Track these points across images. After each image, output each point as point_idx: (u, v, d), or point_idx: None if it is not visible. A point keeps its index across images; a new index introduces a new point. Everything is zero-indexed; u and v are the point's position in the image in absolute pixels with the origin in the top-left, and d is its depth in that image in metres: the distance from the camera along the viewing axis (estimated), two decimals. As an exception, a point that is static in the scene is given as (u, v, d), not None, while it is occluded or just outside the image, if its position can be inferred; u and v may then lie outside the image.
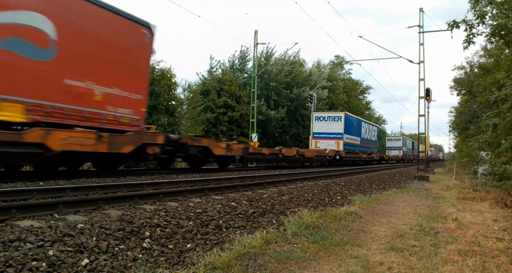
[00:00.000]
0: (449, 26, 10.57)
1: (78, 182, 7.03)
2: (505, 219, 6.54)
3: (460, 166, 28.80)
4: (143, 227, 3.84)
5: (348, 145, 25.61)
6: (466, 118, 29.88)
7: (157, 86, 15.28)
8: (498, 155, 9.81)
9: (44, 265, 2.77)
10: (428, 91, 19.77)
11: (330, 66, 42.38)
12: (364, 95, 56.43)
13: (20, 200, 4.95)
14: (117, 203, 5.17)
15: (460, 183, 14.90)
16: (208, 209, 4.97)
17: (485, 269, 3.74)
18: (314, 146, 25.23)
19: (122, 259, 3.18)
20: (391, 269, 3.68)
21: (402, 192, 11.15)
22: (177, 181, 7.79)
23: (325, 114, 26.17)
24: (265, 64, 30.07)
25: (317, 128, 25.82)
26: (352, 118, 27.82)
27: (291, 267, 3.61)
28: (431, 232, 5.44)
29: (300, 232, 4.75)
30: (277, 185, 9.02)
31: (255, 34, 25.35)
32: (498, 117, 9.46)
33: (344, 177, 13.48)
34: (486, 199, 9.21)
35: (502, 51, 15.98)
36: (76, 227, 3.48)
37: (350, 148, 25.97)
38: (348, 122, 26.04)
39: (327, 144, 24.65)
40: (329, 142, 24.85)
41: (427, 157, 21.63)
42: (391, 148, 48.74)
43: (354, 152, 27.01)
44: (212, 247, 3.88)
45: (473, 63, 27.40)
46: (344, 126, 24.97)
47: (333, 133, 25.11)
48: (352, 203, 7.86)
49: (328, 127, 25.36)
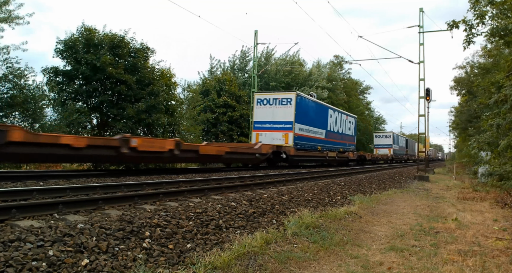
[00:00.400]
0: (448, 26, 10.57)
1: (78, 182, 7.03)
2: (505, 219, 6.54)
3: (460, 166, 28.83)
4: (143, 227, 3.84)
5: (302, 139, 18.49)
6: (466, 118, 29.89)
7: (156, 85, 15.28)
8: (498, 155, 9.81)
9: (44, 265, 2.77)
10: (428, 91, 19.77)
11: (329, 66, 42.38)
12: (364, 96, 56.43)
13: (20, 200, 4.95)
14: (117, 203, 5.17)
15: (460, 183, 14.91)
16: (208, 209, 4.97)
17: (485, 269, 3.74)
18: (255, 140, 18.12)
19: (122, 259, 3.18)
20: (391, 269, 3.68)
21: (402, 192, 11.15)
22: (177, 181, 7.79)
23: (269, 96, 18.31)
24: (265, 64, 30.08)
25: (259, 115, 18.40)
26: (309, 102, 19.75)
27: (291, 267, 3.61)
28: (431, 232, 5.44)
29: (300, 232, 4.75)
30: (277, 185, 9.02)
31: (255, 34, 25.36)
32: (499, 117, 9.46)
33: (344, 177, 13.48)
34: (486, 199, 9.21)
35: (502, 51, 15.98)
36: (76, 227, 3.48)
37: (305, 143, 19.01)
38: (303, 107, 18.54)
39: (272, 138, 17.68)
40: (274, 135, 17.75)
41: (427, 157, 21.63)
42: (379, 146, 41.99)
43: (313, 148, 20.04)
44: (212, 247, 3.88)
45: (473, 63, 27.43)
46: (296, 112, 17.50)
47: (280, 122, 17.81)
48: (352, 203, 7.86)
49: (274, 114, 17.94)
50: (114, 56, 14.55)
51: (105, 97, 14.23)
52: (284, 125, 17.71)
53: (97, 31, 14.65)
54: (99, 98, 14.35)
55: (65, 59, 14.26)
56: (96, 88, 14.42)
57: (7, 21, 13.62)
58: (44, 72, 13.97)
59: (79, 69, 13.69)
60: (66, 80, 14.34)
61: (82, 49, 14.28)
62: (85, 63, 13.76)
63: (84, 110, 14.06)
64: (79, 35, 14.38)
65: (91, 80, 14.14)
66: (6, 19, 13.58)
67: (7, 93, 12.21)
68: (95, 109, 14.90)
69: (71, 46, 14.07)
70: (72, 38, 14.18)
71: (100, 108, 14.86)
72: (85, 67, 13.70)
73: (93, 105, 14.81)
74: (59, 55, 14.22)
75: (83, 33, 14.39)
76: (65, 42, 14.11)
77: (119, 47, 14.65)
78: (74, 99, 14.48)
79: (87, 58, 13.63)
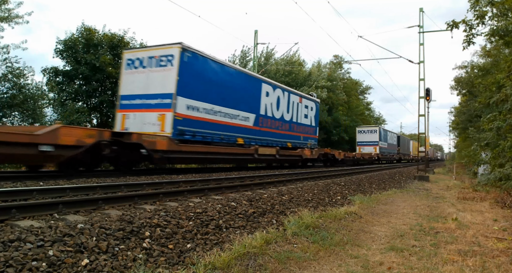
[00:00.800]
0: (448, 26, 10.57)
1: (78, 182, 7.02)
2: (505, 219, 6.54)
3: (460, 165, 28.84)
4: (143, 227, 3.84)
5: (193, 124, 11.44)
6: (466, 118, 29.87)
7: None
8: (498, 155, 9.81)
9: (44, 265, 2.77)
10: (428, 91, 19.79)
11: (329, 66, 42.38)
12: (364, 96, 56.42)
13: (20, 200, 4.95)
14: (117, 203, 5.16)
15: (460, 183, 14.92)
16: (208, 209, 4.96)
17: (485, 269, 3.74)
18: (120, 126, 11.34)
19: (122, 259, 3.18)
20: (391, 269, 3.68)
21: (402, 192, 11.16)
22: (177, 181, 7.78)
23: (143, 54, 11.42)
24: (265, 64, 30.09)
25: (127, 85, 11.49)
26: (215, 65, 12.51)
27: (291, 267, 3.61)
28: (431, 232, 5.44)
29: (300, 232, 4.75)
30: (277, 185, 9.02)
31: (255, 34, 25.37)
32: (499, 119, 9.46)
33: (344, 177, 13.48)
34: (486, 199, 9.22)
35: (502, 51, 15.99)
36: (76, 227, 3.48)
37: (205, 133, 12.00)
38: (197, 70, 11.54)
39: (143, 122, 10.99)
40: (146, 117, 10.98)
41: (427, 157, 21.63)
42: (363, 143, 35.48)
43: (226, 141, 13.08)
44: (212, 247, 3.88)
45: (473, 63, 27.44)
46: (179, 78, 10.73)
47: (154, 96, 11.01)
48: (352, 203, 7.86)
49: (147, 85, 11.16)
50: (113, 56, 14.57)
51: (105, 97, 14.25)
52: (161, 101, 10.79)
53: (97, 31, 14.66)
54: (99, 98, 14.36)
55: (65, 59, 14.27)
56: (96, 88, 14.43)
57: (7, 20, 13.64)
58: (44, 72, 13.99)
59: (79, 69, 13.70)
60: (66, 80, 14.35)
61: (82, 49, 14.29)
62: (84, 63, 13.78)
63: (84, 110, 14.07)
64: (79, 35, 14.39)
65: (91, 80, 14.15)
66: (6, 18, 13.59)
67: (7, 93, 12.22)
68: (95, 109, 14.92)
69: (71, 46, 14.09)
70: (72, 38, 14.20)
71: (100, 108, 14.87)
72: (85, 67, 13.71)
73: (93, 105, 14.82)
74: (59, 55, 14.23)
75: (83, 33, 14.41)
76: (65, 42, 14.13)
77: (119, 47, 14.65)
78: (74, 99, 14.49)
79: (87, 58, 13.64)
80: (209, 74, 12.21)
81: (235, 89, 13.64)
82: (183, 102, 11.01)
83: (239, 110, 13.85)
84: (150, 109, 10.99)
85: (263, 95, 15.42)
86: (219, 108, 12.75)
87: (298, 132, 18.60)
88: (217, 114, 12.71)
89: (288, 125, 17.59)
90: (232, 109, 13.53)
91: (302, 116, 18.97)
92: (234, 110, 13.64)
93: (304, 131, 19.27)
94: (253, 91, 14.85)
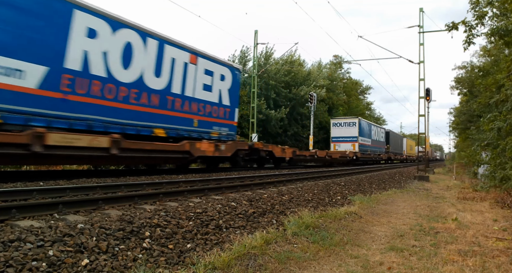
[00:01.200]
0: (448, 28, 10.56)
1: (78, 182, 7.03)
2: (505, 219, 6.54)
3: (460, 165, 28.84)
4: (143, 227, 3.84)
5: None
6: (466, 118, 29.87)
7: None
8: (498, 156, 9.81)
9: (44, 265, 2.77)
10: (428, 91, 19.78)
11: (329, 66, 42.36)
12: (364, 96, 56.43)
13: (20, 200, 4.95)
14: (117, 203, 5.17)
15: (460, 183, 14.92)
16: (208, 209, 4.97)
17: (485, 269, 3.74)
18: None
19: (122, 259, 3.18)
20: (391, 269, 3.68)
21: (402, 192, 11.15)
22: (177, 181, 7.79)
23: None
24: (265, 64, 30.08)
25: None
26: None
27: (291, 267, 3.61)
28: (431, 232, 5.44)
29: (300, 232, 4.75)
30: (277, 185, 9.02)
31: (255, 34, 25.36)
32: (499, 120, 9.46)
33: (344, 177, 13.48)
34: (486, 199, 9.22)
35: (502, 51, 15.99)
36: (76, 227, 3.48)
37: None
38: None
39: None
40: None
41: (427, 157, 21.63)
42: (338, 139, 28.68)
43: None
44: (212, 247, 3.88)
45: (473, 64, 27.47)
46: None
47: None
48: (352, 203, 7.85)
49: None
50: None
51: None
52: None
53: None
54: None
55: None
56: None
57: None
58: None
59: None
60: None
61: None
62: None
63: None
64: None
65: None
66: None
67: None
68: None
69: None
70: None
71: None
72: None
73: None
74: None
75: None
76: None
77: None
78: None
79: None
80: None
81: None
82: None
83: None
84: None
85: (77, 34, 8.39)
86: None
87: (187, 113, 11.78)
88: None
89: (158, 98, 10.64)
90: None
91: (198, 87, 12.23)
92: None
93: (204, 113, 12.53)
94: (47, 22, 7.81)
